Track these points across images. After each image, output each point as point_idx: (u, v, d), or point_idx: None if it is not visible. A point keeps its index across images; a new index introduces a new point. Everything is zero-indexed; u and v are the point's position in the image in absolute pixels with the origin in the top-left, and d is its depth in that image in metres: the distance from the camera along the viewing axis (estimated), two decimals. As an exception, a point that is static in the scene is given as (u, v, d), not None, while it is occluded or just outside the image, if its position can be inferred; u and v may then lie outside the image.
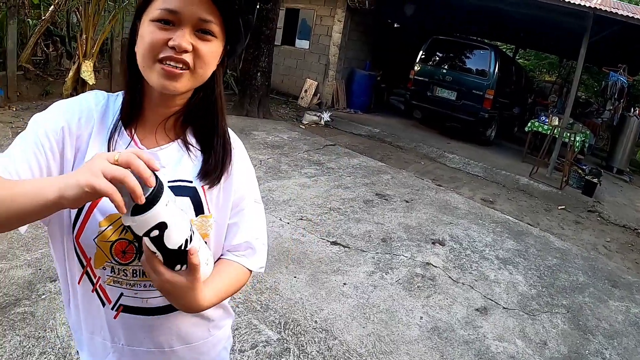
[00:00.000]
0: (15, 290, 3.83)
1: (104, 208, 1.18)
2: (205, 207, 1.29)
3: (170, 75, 1.13)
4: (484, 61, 11.64)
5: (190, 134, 1.33)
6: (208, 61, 1.18)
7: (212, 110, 1.31)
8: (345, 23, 13.22)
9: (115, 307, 1.29)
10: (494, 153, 11.30)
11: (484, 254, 5.54)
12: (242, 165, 1.40)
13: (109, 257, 1.23)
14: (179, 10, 1.11)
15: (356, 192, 6.95)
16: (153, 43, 1.12)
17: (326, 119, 11.55)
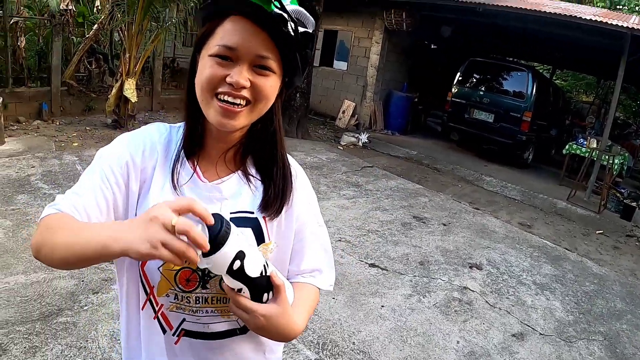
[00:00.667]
0: (58, 300, 3.97)
1: None
2: (267, 237, 1.31)
3: (227, 113, 1.16)
4: (521, 83, 11.59)
5: (251, 164, 1.36)
6: (266, 96, 1.19)
7: (271, 141, 1.34)
8: (383, 44, 13.32)
9: (177, 332, 1.34)
10: (531, 176, 11.23)
11: (521, 278, 5.54)
12: (304, 192, 1.42)
13: (172, 285, 1.27)
14: (236, 47, 1.13)
15: (394, 215, 7.01)
16: (211, 78, 1.15)
17: (364, 140, 11.63)
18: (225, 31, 1.16)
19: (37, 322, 3.67)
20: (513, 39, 14.92)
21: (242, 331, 1.38)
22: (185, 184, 1.28)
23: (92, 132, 9.40)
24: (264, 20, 1.12)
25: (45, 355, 3.34)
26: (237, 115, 1.17)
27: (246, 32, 1.14)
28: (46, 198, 5.97)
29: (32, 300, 3.95)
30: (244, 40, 1.13)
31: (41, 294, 4.04)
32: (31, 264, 4.48)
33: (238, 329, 1.37)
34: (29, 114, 9.81)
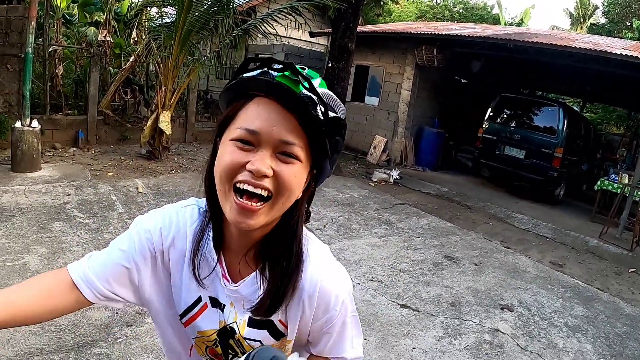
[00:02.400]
0: (92, 331, 4.06)
1: (200, 324, 1.29)
2: (283, 334, 1.30)
3: (244, 211, 1.07)
4: (552, 118, 11.61)
5: (268, 267, 1.24)
6: (290, 187, 1.09)
7: (290, 239, 1.22)
8: (414, 80, 13.46)
9: None
10: (562, 212, 11.17)
11: (552, 320, 5.51)
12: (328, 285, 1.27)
13: (204, 353, 1.36)
14: (260, 130, 1.05)
15: (425, 254, 7.04)
16: (231, 165, 1.07)
17: (395, 176, 11.70)
18: (248, 113, 1.09)
19: (71, 352, 3.77)
20: (543, 73, 15.00)
21: None
22: (207, 277, 1.26)
23: (127, 162, 9.60)
24: (291, 103, 1.05)
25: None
26: (255, 214, 1.08)
27: (271, 115, 1.06)
28: (81, 227, 6.12)
29: (66, 329, 4.05)
30: (268, 124, 1.06)
31: (75, 324, 4.14)
32: None
33: None
34: (65, 141, 10.13)
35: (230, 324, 1.28)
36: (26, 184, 7.52)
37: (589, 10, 32.20)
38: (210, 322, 1.29)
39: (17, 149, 7.96)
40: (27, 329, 3.97)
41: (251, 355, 1.08)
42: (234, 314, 1.28)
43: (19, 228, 5.82)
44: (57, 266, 5.06)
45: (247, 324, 1.28)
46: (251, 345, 1.29)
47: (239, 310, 1.28)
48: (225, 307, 1.28)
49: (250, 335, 1.28)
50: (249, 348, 1.29)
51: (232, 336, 1.29)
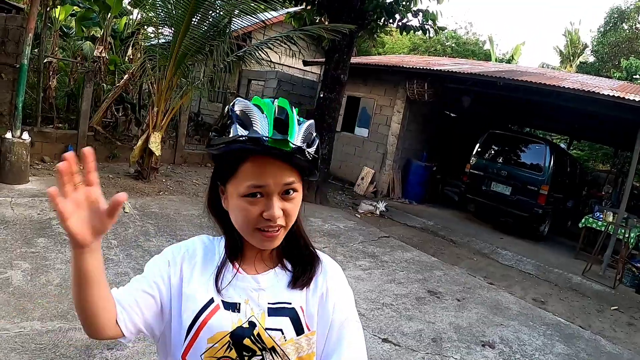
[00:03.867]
0: (73, 353, 4.02)
1: (212, 326, 1.33)
2: (305, 327, 1.38)
3: (269, 239, 1.31)
4: (539, 156, 11.76)
5: (286, 261, 1.46)
6: (295, 214, 1.34)
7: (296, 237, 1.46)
8: (404, 113, 13.59)
9: None
10: (546, 249, 11.24)
11: (533, 358, 5.52)
12: (339, 285, 1.48)
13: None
14: (266, 184, 1.25)
15: (409, 288, 7.04)
16: (249, 218, 1.29)
17: (381, 208, 11.74)
18: (250, 172, 1.27)
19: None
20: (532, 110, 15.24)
21: None
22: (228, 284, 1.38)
23: (115, 181, 9.59)
24: (285, 158, 1.25)
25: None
26: (276, 238, 1.32)
27: (272, 169, 1.26)
28: (66, 244, 6.04)
29: (46, 349, 4.01)
30: (272, 177, 1.26)
31: (56, 344, 4.10)
32: (47, 311, 4.56)
33: None
34: (54, 154, 10.10)
35: (249, 318, 1.36)
36: (13, 195, 7.48)
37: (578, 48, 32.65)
38: (223, 324, 1.34)
39: (5, 160, 7.93)
40: (7, 346, 3.95)
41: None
42: (250, 309, 1.37)
43: (3, 241, 5.79)
44: (40, 284, 5.05)
45: (267, 314, 1.37)
46: (272, 337, 1.35)
47: (256, 305, 1.38)
48: (240, 305, 1.37)
49: (272, 325, 1.36)
50: (269, 341, 1.34)
51: (250, 333, 1.35)
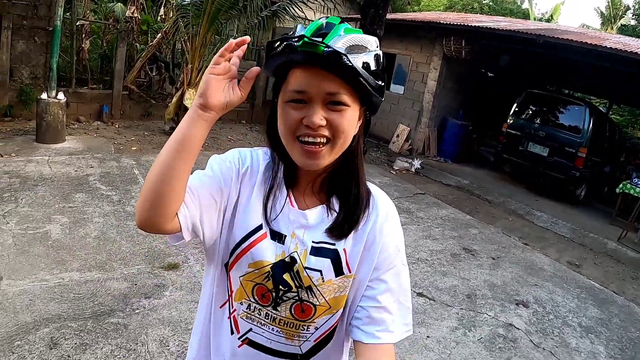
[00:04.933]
0: (111, 301, 4.14)
1: (255, 253, 1.34)
2: (345, 268, 1.35)
3: (310, 155, 1.23)
4: (578, 118, 11.43)
5: (335, 200, 1.38)
6: (343, 130, 1.23)
7: (351, 170, 1.37)
8: (441, 71, 13.32)
9: (242, 338, 1.44)
10: (582, 213, 11.04)
11: (566, 319, 5.50)
12: (388, 227, 1.40)
13: (248, 296, 1.39)
14: (306, 89, 1.20)
15: (444, 245, 7.05)
16: (290, 124, 1.23)
17: (417, 166, 11.69)
18: (294, 78, 1.23)
19: (89, 320, 3.85)
20: (571, 71, 14.78)
21: (302, 358, 1.46)
22: (278, 214, 1.37)
23: (150, 138, 9.66)
24: (320, 62, 1.18)
25: (95, 353, 3.50)
26: (319, 154, 1.24)
27: (312, 75, 1.20)
28: (104, 199, 6.20)
29: (85, 298, 4.13)
30: (312, 82, 1.20)
31: (94, 293, 4.23)
32: (86, 262, 4.70)
33: (299, 354, 1.45)
34: (90, 114, 10.22)
35: (291, 253, 1.35)
36: (50, 154, 7.61)
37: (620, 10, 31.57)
38: (267, 253, 1.35)
39: (42, 120, 8.04)
40: (47, 295, 4.05)
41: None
42: (294, 244, 1.36)
43: (42, 197, 5.92)
44: (79, 236, 5.19)
45: (309, 252, 1.35)
46: (310, 276, 1.35)
47: (300, 241, 1.36)
48: (286, 238, 1.36)
49: (312, 265, 1.35)
50: (307, 280, 1.34)
51: (290, 268, 1.35)
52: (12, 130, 8.51)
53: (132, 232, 5.58)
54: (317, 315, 1.39)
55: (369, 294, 1.38)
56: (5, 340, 3.46)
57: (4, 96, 8.97)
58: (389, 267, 1.39)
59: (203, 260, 5.19)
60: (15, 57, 9.13)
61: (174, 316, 4.14)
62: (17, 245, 4.79)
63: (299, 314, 1.39)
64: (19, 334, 3.55)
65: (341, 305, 1.41)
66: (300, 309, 1.38)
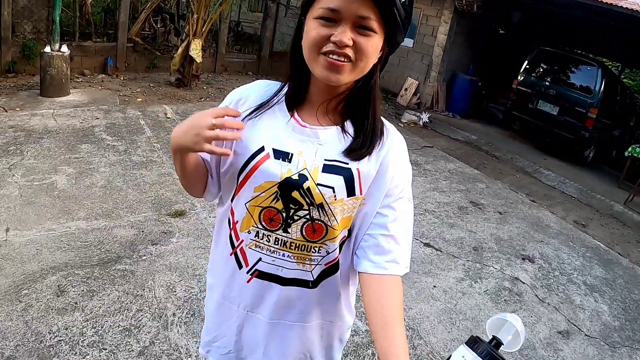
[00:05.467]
0: (117, 248, 4.19)
1: (259, 175, 1.36)
2: (357, 190, 1.37)
3: (333, 67, 1.24)
4: (590, 78, 11.20)
5: (349, 124, 1.41)
6: (368, 54, 1.26)
7: (368, 98, 1.39)
8: (451, 25, 13.06)
9: (251, 271, 1.46)
10: (590, 175, 10.95)
11: (572, 277, 5.52)
12: (401, 159, 1.44)
13: (256, 222, 1.40)
14: (339, 8, 1.20)
15: (451, 197, 7.07)
16: (317, 38, 1.24)
17: (425, 120, 11.58)
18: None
19: (96, 268, 3.89)
20: (585, 31, 14.52)
21: (314, 285, 1.47)
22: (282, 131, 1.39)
23: (156, 89, 9.62)
24: None
25: (102, 299, 3.54)
26: (341, 69, 1.25)
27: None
28: (109, 149, 6.20)
29: (92, 246, 4.17)
30: (347, 2, 1.20)
31: (101, 241, 4.26)
32: (92, 211, 4.73)
33: (310, 281, 1.46)
34: (94, 67, 10.12)
35: (300, 171, 1.36)
36: (55, 107, 7.57)
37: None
38: (271, 173, 1.36)
39: (45, 74, 7.95)
40: (53, 245, 4.08)
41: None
42: (302, 162, 1.36)
43: (47, 149, 5.91)
44: (85, 186, 5.22)
45: (320, 169, 1.36)
46: (322, 193, 1.35)
47: (309, 159, 1.37)
48: (292, 156, 1.37)
49: (324, 181, 1.36)
50: (319, 197, 1.34)
51: (299, 186, 1.36)
52: (16, 86, 8.44)
53: (139, 180, 5.59)
54: (329, 236, 1.40)
55: (379, 221, 1.40)
56: (12, 289, 3.50)
57: (6, 52, 8.85)
58: (400, 197, 1.41)
59: (209, 207, 5.24)
60: (17, 12, 8.97)
61: (181, 262, 4.16)
62: (23, 196, 4.81)
63: (310, 234, 1.40)
64: (26, 283, 3.59)
65: (347, 226, 1.43)
66: (312, 229, 1.39)
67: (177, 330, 3.37)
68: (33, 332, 3.13)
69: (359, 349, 3.60)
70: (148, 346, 3.18)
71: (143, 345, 3.18)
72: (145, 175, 5.75)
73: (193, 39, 9.62)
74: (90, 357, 3.01)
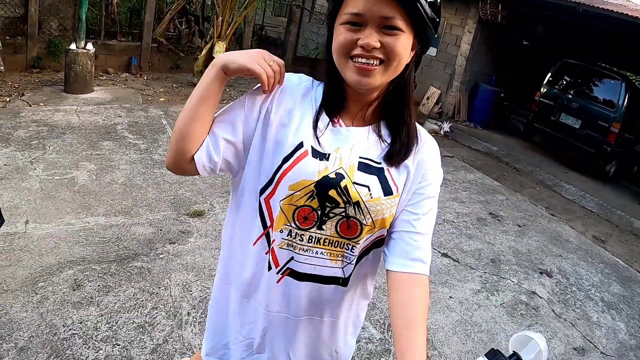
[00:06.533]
0: (135, 246, 4.23)
1: (296, 173, 1.35)
2: (393, 187, 1.39)
3: (363, 71, 1.26)
4: (613, 91, 11.11)
5: (384, 126, 1.43)
6: (398, 54, 1.26)
7: (403, 100, 1.41)
8: (475, 35, 13.06)
9: (282, 270, 1.44)
10: (610, 190, 10.79)
11: (589, 293, 5.46)
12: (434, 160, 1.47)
13: (289, 221, 1.39)
14: (363, 12, 1.22)
15: (470, 208, 7.04)
16: (345, 43, 1.26)
17: (446, 129, 11.56)
18: (350, 2, 1.26)
19: (113, 264, 3.93)
20: (609, 44, 14.40)
21: (344, 283, 1.47)
22: (322, 131, 1.39)
23: (179, 90, 9.71)
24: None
25: (118, 295, 3.57)
26: (372, 73, 1.26)
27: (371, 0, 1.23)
28: (131, 147, 6.26)
29: (109, 242, 4.22)
30: (369, 5, 1.22)
31: (119, 237, 4.31)
32: (112, 208, 4.77)
33: (342, 278, 1.46)
34: (118, 66, 10.29)
35: (337, 169, 1.36)
36: (78, 104, 7.68)
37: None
38: (310, 171, 1.36)
39: (70, 70, 8.08)
40: (72, 239, 4.13)
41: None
42: (339, 160, 1.37)
43: (69, 145, 5.99)
44: (105, 182, 5.30)
45: (356, 167, 1.38)
46: (358, 192, 1.36)
47: (345, 157, 1.38)
48: (329, 155, 1.37)
49: (360, 180, 1.37)
50: (355, 195, 1.35)
51: (337, 185, 1.36)
52: (41, 81, 8.59)
53: (159, 179, 5.63)
54: (363, 235, 1.41)
55: (409, 218, 1.42)
56: (29, 281, 3.53)
57: (32, 48, 9.02)
58: (430, 196, 1.44)
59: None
60: (44, 9, 9.16)
61: (198, 262, 4.18)
62: (44, 190, 4.87)
63: (344, 231, 1.40)
64: (42, 276, 3.63)
65: (385, 226, 1.43)
66: (347, 225, 1.40)
67: (191, 329, 3.38)
68: (47, 324, 3.15)
69: (372, 357, 3.58)
70: (161, 344, 3.19)
71: (156, 342, 3.19)
72: (165, 174, 5.78)
73: (217, 41, 9.71)
74: (103, 352, 3.02)
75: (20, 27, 8.83)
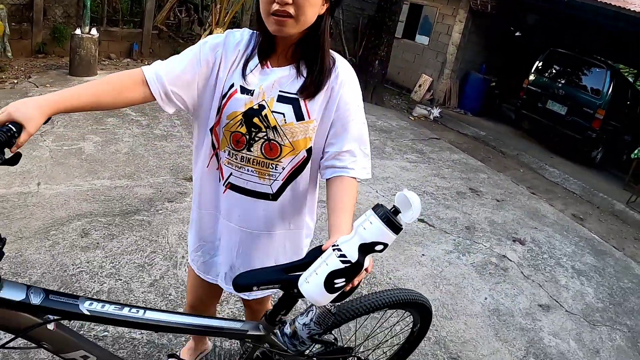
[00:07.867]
0: (137, 203, 4.65)
1: (230, 106, 1.72)
2: (305, 114, 1.71)
3: (279, 23, 1.56)
4: (598, 80, 11.43)
5: (303, 64, 1.74)
6: (305, 9, 1.55)
7: (317, 44, 1.70)
8: (466, 24, 13.38)
9: (225, 183, 1.84)
10: (595, 175, 11.05)
11: (560, 261, 5.68)
12: (348, 83, 1.77)
13: (228, 143, 1.77)
14: None
15: (451, 183, 7.34)
16: (265, 4, 1.56)
17: (435, 114, 11.87)
18: None
19: (117, 217, 4.33)
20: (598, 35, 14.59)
21: (274, 198, 1.85)
22: (252, 72, 1.73)
23: (177, 75, 9.97)
24: None
25: (121, 242, 3.99)
26: (285, 23, 1.56)
27: None
28: (133, 123, 6.65)
29: (114, 199, 4.63)
30: None
31: (123, 196, 4.72)
32: (116, 173, 5.17)
33: (270, 194, 1.84)
34: (120, 52, 10.59)
35: (260, 102, 1.71)
36: None
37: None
38: (238, 104, 1.72)
39: (75, 54, 8.42)
40: (80, 197, 4.52)
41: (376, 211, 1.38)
42: (262, 94, 1.72)
43: (76, 121, 6.34)
44: (110, 152, 5.66)
45: (275, 99, 1.72)
46: (275, 118, 1.71)
47: (267, 92, 1.71)
48: (254, 91, 1.71)
49: (277, 109, 1.71)
50: (273, 121, 1.71)
51: (259, 113, 1.71)
52: (46, 65, 8.89)
53: (159, 150, 6.03)
54: (283, 155, 1.77)
55: (335, 140, 1.77)
56: (42, 230, 3.91)
57: (37, 34, 9.29)
58: (352, 119, 1.76)
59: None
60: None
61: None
62: (54, 158, 5.24)
63: (268, 152, 1.76)
64: (54, 225, 4.01)
65: (302, 147, 1.77)
66: (269, 148, 1.75)
67: (185, 269, 3.76)
68: (58, 263, 3.53)
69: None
70: (158, 280, 3.59)
71: (154, 278, 3.59)
72: (165, 146, 6.19)
73: (215, 27, 10.00)
74: (107, 285, 3.41)
75: (26, 14, 9.08)
